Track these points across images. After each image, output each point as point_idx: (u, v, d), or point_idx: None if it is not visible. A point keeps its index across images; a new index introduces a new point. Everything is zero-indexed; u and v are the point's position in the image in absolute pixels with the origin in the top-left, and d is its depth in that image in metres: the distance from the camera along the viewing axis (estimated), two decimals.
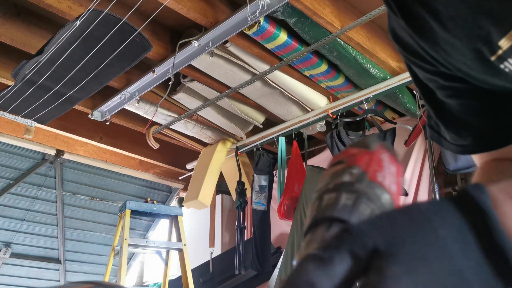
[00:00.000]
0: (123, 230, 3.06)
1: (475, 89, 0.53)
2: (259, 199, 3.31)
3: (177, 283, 3.48)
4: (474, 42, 0.46)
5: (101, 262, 4.59)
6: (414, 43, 0.54)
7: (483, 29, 0.44)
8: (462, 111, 0.56)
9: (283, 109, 3.15)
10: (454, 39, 0.47)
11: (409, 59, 0.57)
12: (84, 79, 2.50)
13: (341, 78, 2.78)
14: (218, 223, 4.15)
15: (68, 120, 3.46)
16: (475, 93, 0.54)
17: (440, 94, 0.57)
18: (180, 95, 3.08)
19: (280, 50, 2.49)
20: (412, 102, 2.91)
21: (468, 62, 0.49)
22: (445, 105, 0.58)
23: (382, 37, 2.60)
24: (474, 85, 0.53)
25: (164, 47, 2.61)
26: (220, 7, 2.34)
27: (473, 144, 0.56)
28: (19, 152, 3.73)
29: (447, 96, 0.57)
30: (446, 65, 0.52)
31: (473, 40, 0.46)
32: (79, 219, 4.31)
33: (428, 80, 0.57)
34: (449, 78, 0.54)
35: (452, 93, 0.56)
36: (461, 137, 0.58)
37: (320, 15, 2.19)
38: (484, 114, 0.55)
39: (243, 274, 3.42)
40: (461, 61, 0.50)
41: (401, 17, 0.53)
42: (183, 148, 4.01)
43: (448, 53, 0.50)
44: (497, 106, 0.54)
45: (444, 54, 0.51)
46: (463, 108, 0.56)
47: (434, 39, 0.50)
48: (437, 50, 0.51)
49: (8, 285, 4.25)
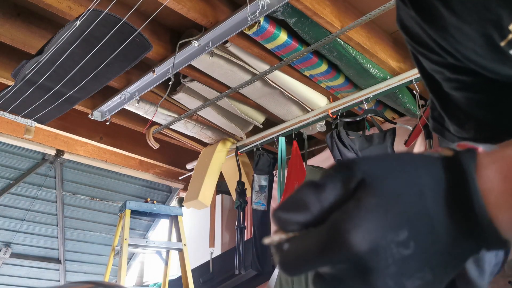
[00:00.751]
0: (123, 230, 3.06)
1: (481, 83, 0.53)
2: (259, 199, 3.31)
3: (177, 283, 3.48)
4: (484, 27, 0.46)
5: (101, 262, 4.59)
6: (423, 33, 0.54)
7: (493, 12, 0.44)
8: (467, 104, 0.56)
9: (283, 109, 3.15)
10: (464, 24, 0.47)
11: (416, 49, 0.57)
12: (84, 79, 2.50)
13: (341, 78, 2.78)
14: (218, 223, 4.15)
15: (68, 120, 3.46)
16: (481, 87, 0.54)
17: (446, 86, 0.57)
18: (180, 95, 3.08)
19: (280, 50, 2.49)
20: (412, 102, 2.91)
21: (477, 48, 0.48)
22: (450, 97, 0.58)
23: (382, 37, 2.60)
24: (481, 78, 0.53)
25: (164, 47, 2.61)
26: (220, 7, 2.34)
27: (475, 136, 0.56)
28: (19, 152, 3.73)
29: (453, 89, 0.57)
30: (454, 53, 0.52)
31: (483, 24, 0.46)
32: (79, 219, 4.31)
33: (435, 71, 0.58)
34: (456, 70, 0.54)
35: (458, 86, 0.56)
36: (464, 129, 0.58)
37: (320, 15, 2.19)
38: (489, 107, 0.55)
39: (243, 274, 3.42)
40: (470, 48, 0.49)
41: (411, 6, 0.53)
42: (183, 148, 4.01)
43: (458, 40, 0.50)
44: (502, 100, 0.54)
45: (453, 42, 0.51)
46: (468, 100, 0.56)
47: (443, 26, 0.50)
48: (446, 38, 0.51)
49: (8, 285, 4.25)
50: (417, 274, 0.32)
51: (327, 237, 0.32)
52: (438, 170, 0.34)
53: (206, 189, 3.43)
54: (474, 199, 0.32)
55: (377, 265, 0.31)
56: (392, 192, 0.32)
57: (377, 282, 0.31)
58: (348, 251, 0.31)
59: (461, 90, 0.56)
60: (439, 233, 0.32)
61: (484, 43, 0.47)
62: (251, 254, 3.25)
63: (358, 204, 0.32)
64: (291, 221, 0.33)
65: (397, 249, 0.31)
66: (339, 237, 0.31)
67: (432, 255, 0.32)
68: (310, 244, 0.32)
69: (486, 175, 0.33)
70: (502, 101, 0.54)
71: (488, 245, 0.33)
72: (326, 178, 0.34)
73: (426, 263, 0.32)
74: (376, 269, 0.31)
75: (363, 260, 0.31)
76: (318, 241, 0.32)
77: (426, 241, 0.32)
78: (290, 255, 0.33)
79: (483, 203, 0.32)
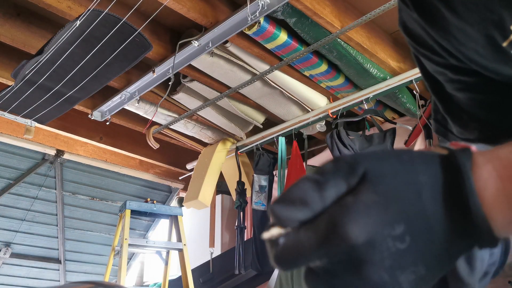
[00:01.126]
0: (123, 230, 3.06)
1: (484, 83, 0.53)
2: (259, 199, 3.31)
3: (177, 283, 3.48)
4: (486, 27, 0.46)
5: (101, 262, 4.59)
6: (425, 34, 0.54)
7: (495, 13, 0.44)
8: (469, 105, 0.56)
9: (283, 109, 3.15)
10: (466, 25, 0.47)
11: (418, 51, 0.58)
12: (84, 79, 2.50)
13: (341, 78, 2.78)
14: (218, 223, 4.15)
15: (68, 120, 3.46)
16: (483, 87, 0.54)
17: (449, 87, 0.58)
18: (180, 95, 3.08)
19: (280, 50, 2.49)
20: (412, 102, 2.91)
21: (479, 49, 0.49)
22: (453, 99, 0.58)
23: (382, 37, 2.60)
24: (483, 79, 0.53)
25: (164, 47, 2.61)
26: (220, 7, 2.34)
27: (479, 137, 0.56)
28: (19, 152, 3.73)
29: (455, 90, 0.57)
30: (456, 54, 0.52)
31: (485, 25, 0.46)
32: (79, 219, 4.31)
33: (437, 73, 0.58)
34: (458, 71, 0.54)
35: (461, 87, 0.56)
36: (467, 130, 0.58)
37: (320, 15, 2.19)
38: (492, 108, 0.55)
39: (243, 274, 3.42)
40: (472, 48, 0.49)
41: (413, 8, 0.53)
42: (183, 148, 4.01)
43: (460, 41, 0.50)
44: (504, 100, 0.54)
45: (456, 43, 0.51)
46: (471, 101, 0.56)
47: (445, 27, 0.50)
48: (448, 39, 0.51)
49: (8, 285, 4.25)
50: (411, 268, 0.33)
51: (324, 230, 0.32)
52: (435, 168, 0.34)
53: (206, 189, 3.43)
54: (469, 198, 0.33)
55: (372, 257, 0.32)
56: (391, 189, 0.33)
57: (372, 275, 0.32)
58: (345, 243, 0.31)
59: (464, 91, 0.56)
60: (434, 230, 0.33)
61: (486, 44, 0.47)
62: (251, 254, 3.25)
63: (357, 199, 0.32)
64: (290, 219, 0.33)
65: (393, 243, 0.32)
66: (337, 230, 0.31)
67: (427, 250, 0.33)
68: (307, 238, 0.32)
69: (481, 174, 0.34)
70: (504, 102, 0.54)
71: (481, 243, 0.34)
72: (327, 175, 0.34)
73: (421, 258, 0.33)
74: (371, 262, 0.32)
75: (359, 252, 0.31)
76: (315, 235, 0.32)
77: (422, 236, 0.33)
78: (286, 249, 0.33)
79: (478, 202, 0.33)
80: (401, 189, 0.33)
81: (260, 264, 3.20)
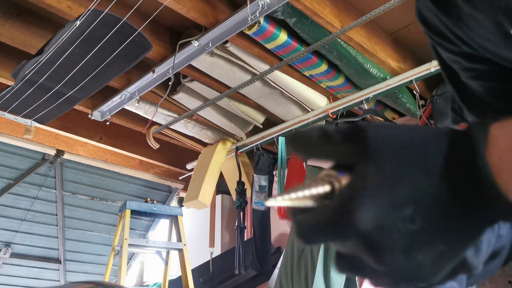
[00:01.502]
0: (123, 230, 3.06)
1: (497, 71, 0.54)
2: (259, 199, 3.31)
3: (177, 283, 3.48)
4: (496, 14, 0.46)
5: (101, 262, 4.59)
6: (440, 23, 0.55)
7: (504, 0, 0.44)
8: (484, 93, 0.57)
9: (283, 109, 3.15)
10: (477, 12, 0.48)
11: (434, 40, 0.59)
12: (84, 79, 2.50)
13: (341, 78, 2.78)
14: (218, 223, 4.15)
15: (68, 120, 3.46)
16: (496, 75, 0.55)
17: (463, 75, 0.58)
18: (180, 95, 3.08)
19: (280, 50, 2.49)
20: (412, 102, 2.91)
21: (490, 36, 0.49)
22: (468, 88, 0.59)
23: (382, 37, 2.60)
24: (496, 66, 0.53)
25: (164, 47, 2.61)
26: (220, 7, 2.34)
27: None
28: (19, 152, 3.73)
29: (470, 78, 0.57)
30: (469, 42, 0.53)
31: (494, 12, 0.46)
32: (79, 219, 4.31)
33: (452, 61, 0.59)
34: (472, 59, 0.55)
35: (475, 75, 0.57)
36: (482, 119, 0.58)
37: (320, 15, 2.19)
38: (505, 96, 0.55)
39: (243, 274, 3.42)
40: (483, 36, 0.50)
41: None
42: (183, 148, 4.01)
43: (471, 29, 0.51)
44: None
45: (468, 30, 0.51)
46: (485, 90, 0.57)
47: (458, 15, 0.51)
48: (460, 27, 0.52)
49: (8, 285, 4.25)
50: (429, 247, 0.33)
51: (335, 212, 0.33)
52: (446, 143, 0.34)
53: (206, 189, 3.43)
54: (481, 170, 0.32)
55: (384, 241, 0.32)
56: (397, 169, 0.33)
57: (386, 257, 0.33)
58: (354, 228, 0.32)
59: (478, 79, 0.57)
60: (447, 206, 0.33)
61: (496, 31, 0.48)
62: (251, 254, 3.25)
63: (364, 182, 0.33)
64: None
65: (403, 224, 0.32)
66: (346, 214, 0.32)
67: (442, 227, 0.33)
68: (321, 217, 0.34)
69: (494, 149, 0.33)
70: None
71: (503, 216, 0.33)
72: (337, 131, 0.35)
73: (438, 236, 0.33)
74: (384, 245, 0.32)
75: (370, 237, 0.32)
76: (328, 215, 0.33)
77: (434, 215, 0.33)
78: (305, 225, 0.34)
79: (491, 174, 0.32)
80: (406, 170, 0.33)
81: (260, 264, 3.20)
